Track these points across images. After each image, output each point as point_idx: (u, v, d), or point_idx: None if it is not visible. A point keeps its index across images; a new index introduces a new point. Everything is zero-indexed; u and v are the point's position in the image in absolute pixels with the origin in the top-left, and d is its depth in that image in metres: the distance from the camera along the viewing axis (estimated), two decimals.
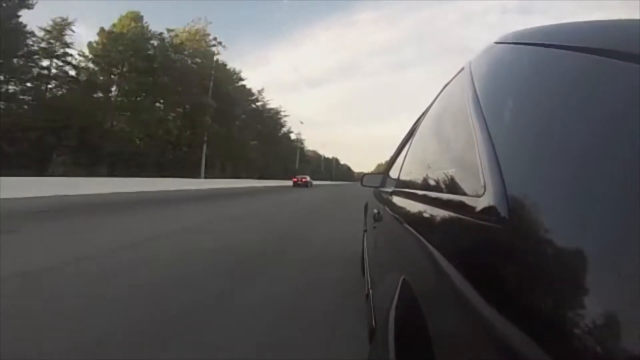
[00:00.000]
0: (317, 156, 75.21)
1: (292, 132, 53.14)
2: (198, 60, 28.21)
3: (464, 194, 0.48)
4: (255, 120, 40.25)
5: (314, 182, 35.05)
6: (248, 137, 37.41)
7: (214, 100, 28.27)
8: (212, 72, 28.22)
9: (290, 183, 30.25)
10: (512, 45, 0.57)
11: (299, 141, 57.57)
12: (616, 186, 0.24)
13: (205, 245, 3.54)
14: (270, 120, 45.38)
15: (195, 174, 24.70)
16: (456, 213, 0.46)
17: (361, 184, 2.34)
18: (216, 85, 28.91)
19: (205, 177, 24.78)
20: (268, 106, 45.44)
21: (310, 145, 76.97)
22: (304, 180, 28.61)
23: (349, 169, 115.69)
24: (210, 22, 29.32)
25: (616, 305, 0.20)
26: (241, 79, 37.67)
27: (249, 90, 39.58)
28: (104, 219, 5.39)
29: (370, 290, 1.33)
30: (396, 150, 1.82)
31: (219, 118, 29.42)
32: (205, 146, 27.13)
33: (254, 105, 40.90)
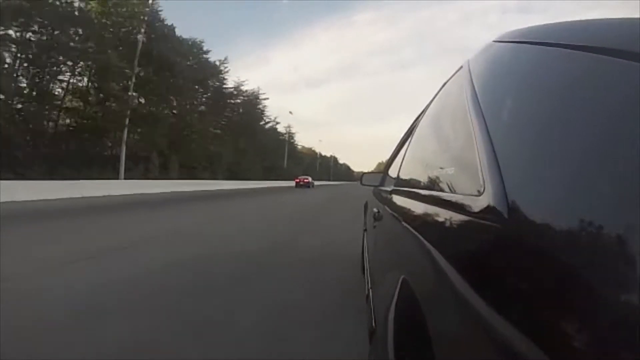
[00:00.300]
0: (312, 153, 69.07)
1: (277, 122, 42.62)
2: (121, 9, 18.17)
3: (463, 193, 0.47)
4: (220, 107, 29.42)
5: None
6: (210, 124, 27.69)
7: (144, 64, 18.81)
8: (141, 26, 18.47)
9: (271, 185, 27.90)
10: (511, 43, 0.57)
11: (289, 134, 47.21)
12: (616, 185, 0.24)
13: None
14: (248, 106, 34.74)
15: (114, 174, 16.18)
16: (455, 212, 0.46)
17: (361, 183, 2.35)
18: (154, 48, 19.50)
19: (132, 179, 16.10)
20: (243, 87, 33.34)
21: (305, 142, 72.10)
22: (305, 180, 29.88)
23: (348, 168, 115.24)
24: None
25: (616, 305, 0.20)
26: (203, 52, 27.22)
27: (213, 63, 28.33)
28: None
29: (370, 290, 1.33)
30: (395, 148, 1.82)
31: (151, 91, 20.25)
32: (125, 132, 17.23)
33: (219, 84, 29.73)
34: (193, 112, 26.21)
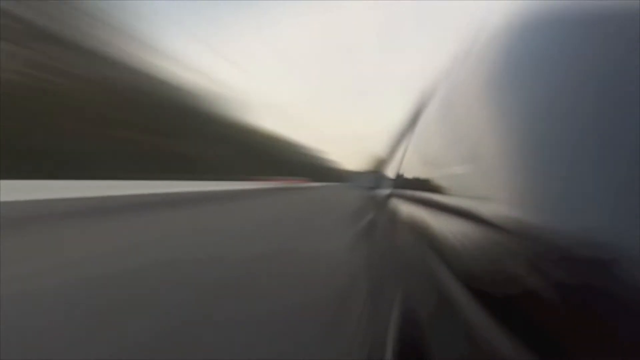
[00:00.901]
0: (278, 138, 53.49)
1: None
2: None
3: (473, 196, 0.44)
4: None
5: (263, 187, 20.68)
6: None
7: None
8: None
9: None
10: (529, 23, 0.50)
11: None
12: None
13: None
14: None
15: None
16: (462, 217, 0.43)
17: (350, 184, 2.21)
18: None
19: None
20: None
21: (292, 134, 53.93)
22: (290, 180, 20.40)
23: (335, 165, 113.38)
24: None
25: (621, 309, 0.20)
26: None
27: None
28: None
29: (367, 304, 1.30)
30: (392, 146, 1.77)
31: None
32: None
33: None
34: None
